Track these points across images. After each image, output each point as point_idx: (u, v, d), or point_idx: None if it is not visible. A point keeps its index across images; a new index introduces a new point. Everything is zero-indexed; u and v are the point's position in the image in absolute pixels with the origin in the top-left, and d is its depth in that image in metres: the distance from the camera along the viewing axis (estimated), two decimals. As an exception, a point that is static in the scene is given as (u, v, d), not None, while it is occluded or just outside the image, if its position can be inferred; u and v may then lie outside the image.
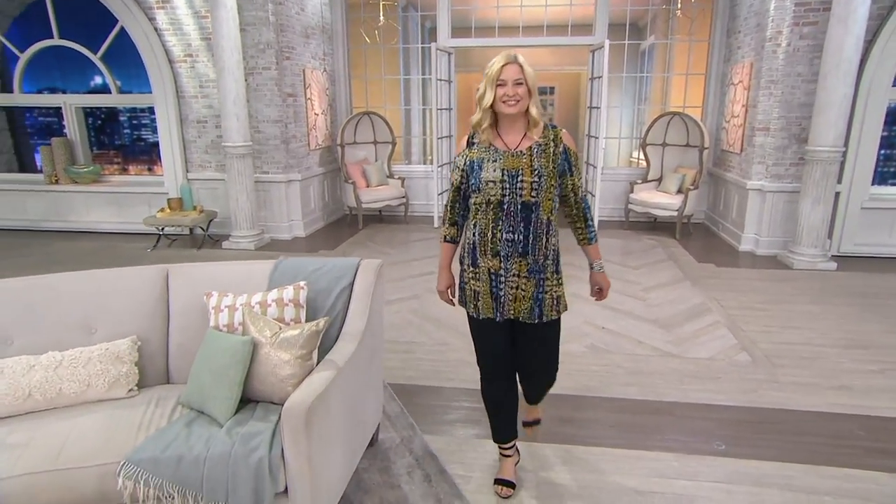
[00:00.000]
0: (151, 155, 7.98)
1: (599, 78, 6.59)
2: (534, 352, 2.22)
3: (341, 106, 8.00)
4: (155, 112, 6.82)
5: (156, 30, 6.47)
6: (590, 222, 2.20)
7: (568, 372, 3.33)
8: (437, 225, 6.97)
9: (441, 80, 7.06)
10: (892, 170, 6.26)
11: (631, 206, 7.08)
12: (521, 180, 2.00)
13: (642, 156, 7.49)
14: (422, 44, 9.19)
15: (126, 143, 8.46)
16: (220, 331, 2.19)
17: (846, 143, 5.36)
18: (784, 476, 2.44)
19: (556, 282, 2.12)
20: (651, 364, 3.50)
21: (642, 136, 7.45)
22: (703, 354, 3.63)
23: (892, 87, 5.47)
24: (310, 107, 7.03)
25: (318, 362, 2.08)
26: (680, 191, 6.77)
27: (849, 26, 4.85)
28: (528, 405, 2.50)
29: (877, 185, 5.85)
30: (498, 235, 2.05)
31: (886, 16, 5.27)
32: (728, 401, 3.06)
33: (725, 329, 4.01)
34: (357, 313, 2.32)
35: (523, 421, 2.51)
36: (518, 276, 2.07)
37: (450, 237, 2.23)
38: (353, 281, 2.40)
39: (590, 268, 2.27)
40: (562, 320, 2.21)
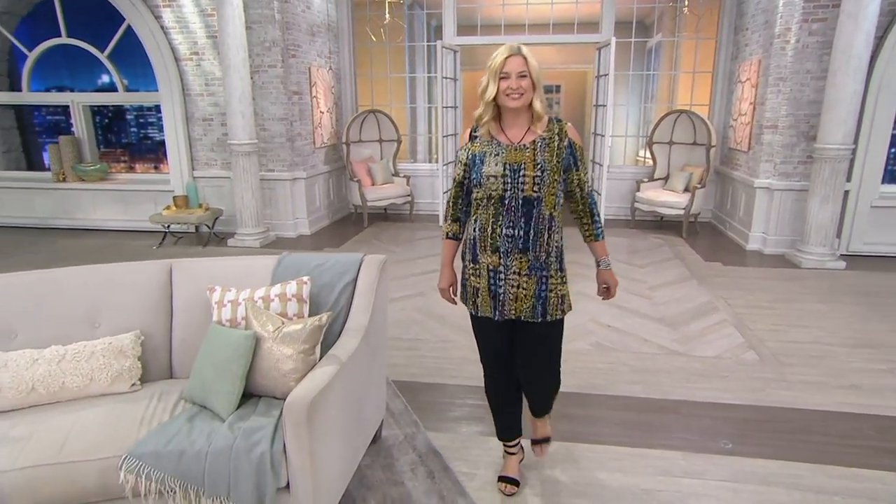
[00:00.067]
0: (158, 153, 8.01)
1: (605, 76, 6.55)
2: (534, 351, 2.13)
3: (347, 104, 8.00)
4: (161, 110, 6.84)
5: (162, 28, 6.50)
6: (596, 218, 2.12)
7: (573, 370, 3.32)
8: (441, 223, 6.95)
9: (446, 78, 7.04)
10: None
11: (637, 205, 7.04)
12: (524, 175, 1.94)
13: (648, 154, 7.45)
14: (427, 42, 9.19)
15: (133, 141, 8.50)
16: (223, 325, 2.19)
17: (856, 141, 5.31)
18: (791, 475, 2.41)
19: (560, 280, 2.06)
20: (657, 362, 3.47)
21: (649, 134, 7.41)
22: (709, 353, 3.60)
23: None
24: (315, 105, 7.03)
25: (321, 358, 2.07)
26: (687, 189, 6.73)
27: (859, 22, 4.80)
28: (534, 419, 2.35)
29: (887, 184, 5.78)
30: (498, 231, 1.99)
31: (897, 12, 5.22)
32: (735, 399, 3.03)
33: (732, 327, 3.97)
34: (360, 309, 2.31)
35: (532, 439, 2.39)
36: (518, 273, 2.00)
37: (452, 234, 2.17)
38: (357, 276, 2.39)
39: (596, 265, 2.18)
40: (566, 319, 2.13)
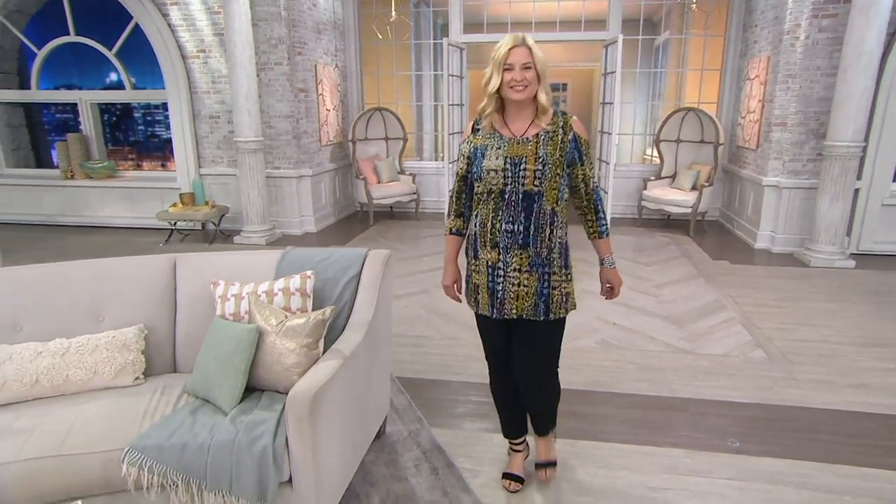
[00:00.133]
0: (165, 151, 8.05)
1: (613, 73, 6.51)
2: (532, 350, 2.06)
3: (353, 102, 8.00)
4: (168, 108, 6.86)
5: (169, 26, 6.51)
6: (601, 215, 2.06)
7: (578, 367, 3.30)
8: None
9: (453, 76, 7.02)
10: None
11: (644, 203, 6.99)
12: (524, 168, 1.89)
13: (656, 152, 7.40)
14: (434, 40, 9.17)
15: (140, 139, 8.55)
16: (227, 319, 2.18)
17: (866, 139, 5.24)
18: (799, 474, 2.38)
19: (564, 277, 2.00)
20: (664, 360, 3.44)
21: (656, 132, 7.36)
22: (717, 351, 3.56)
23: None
24: (321, 102, 7.03)
25: (324, 352, 2.06)
26: (694, 187, 6.67)
27: (871, 18, 4.74)
28: (538, 438, 2.27)
29: (898, 182, 5.72)
30: (497, 226, 1.94)
31: (910, 8, 5.14)
32: (742, 398, 3.00)
33: (740, 326, 3.93)
34: (364, 304, 2.30)
35: (536, 462, 2.29)
36: (519, 270, 1.95)
37: (455, 229, 2.12)
38: (361, 271, 2.37)
39: (600, 264, 2.12)
40: (570, 317, 2.08)
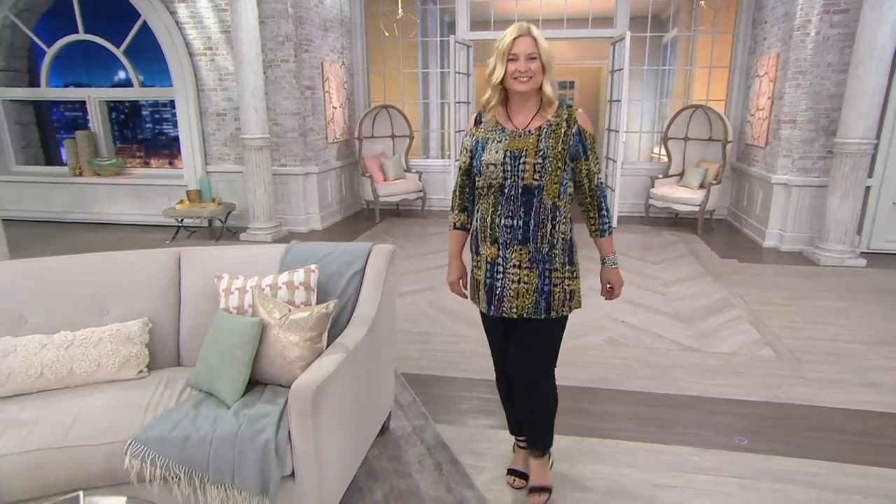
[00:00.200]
0: (172, 149, 8.08)
1: (620, 70, 6.47)
2: (529, 348, 1.99)
3: (359, 99, 8.00)
4: (175, 105, 6.88)
5: (177, 23, 6.53)
6: (604, 212, 1.98)
7: (584, 364, 3.28)
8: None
9: (459, 74, 7.00)
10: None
11: (651, 201, 6.94)
12: (524, 162, 1.84)
13: (663, 150, 7.35)
14: (440, 37, 9.15)
15: (148, 136, 8.58)
16: (230, 313, 2.17)
17: (878, 136, 5.17)
18: (808, 473, 2.34)
19: (568, 274, 1.94)
20: (671, 358, 3.41)
21: (664, 130, 7.31)
22: (724, 349, 3.52)
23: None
24: (328, 100, 7.03)
25: (328, 346, 2.05)
26: (702, 185, 6.62)
27: (884, 13, 4.67)
28: (531, 460, 2.18)
29: (910, 180, 5.64)
30: (497, 221, 1.90)
31: (923, 3, 5.07)
32: (750, 396, 2.96)
33: (748, 324, 3.89)
34: (368, 298, 2.29)
35: (529, 487, 2.17)
36: (519, 266, 1.89)
37: (459, 224, 2.08)
38: (365, 266, 2.36)
39: (601, 263, 2.06)
40: (576, 315, 2.02)
